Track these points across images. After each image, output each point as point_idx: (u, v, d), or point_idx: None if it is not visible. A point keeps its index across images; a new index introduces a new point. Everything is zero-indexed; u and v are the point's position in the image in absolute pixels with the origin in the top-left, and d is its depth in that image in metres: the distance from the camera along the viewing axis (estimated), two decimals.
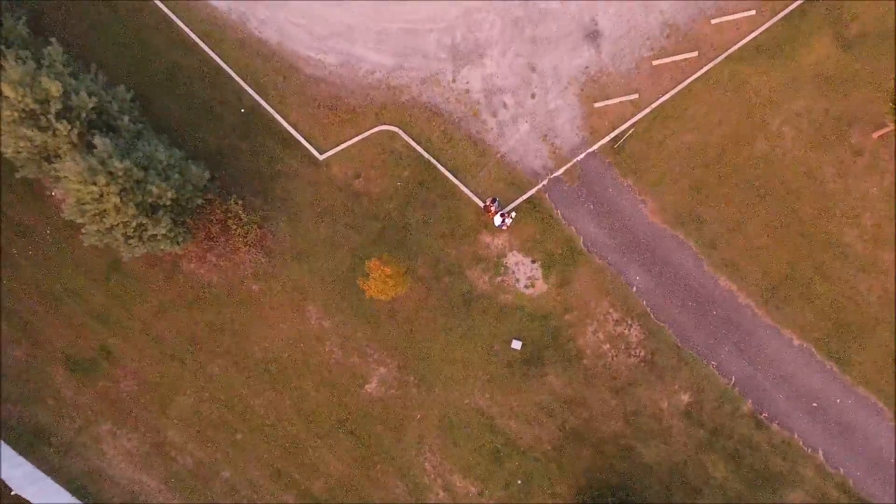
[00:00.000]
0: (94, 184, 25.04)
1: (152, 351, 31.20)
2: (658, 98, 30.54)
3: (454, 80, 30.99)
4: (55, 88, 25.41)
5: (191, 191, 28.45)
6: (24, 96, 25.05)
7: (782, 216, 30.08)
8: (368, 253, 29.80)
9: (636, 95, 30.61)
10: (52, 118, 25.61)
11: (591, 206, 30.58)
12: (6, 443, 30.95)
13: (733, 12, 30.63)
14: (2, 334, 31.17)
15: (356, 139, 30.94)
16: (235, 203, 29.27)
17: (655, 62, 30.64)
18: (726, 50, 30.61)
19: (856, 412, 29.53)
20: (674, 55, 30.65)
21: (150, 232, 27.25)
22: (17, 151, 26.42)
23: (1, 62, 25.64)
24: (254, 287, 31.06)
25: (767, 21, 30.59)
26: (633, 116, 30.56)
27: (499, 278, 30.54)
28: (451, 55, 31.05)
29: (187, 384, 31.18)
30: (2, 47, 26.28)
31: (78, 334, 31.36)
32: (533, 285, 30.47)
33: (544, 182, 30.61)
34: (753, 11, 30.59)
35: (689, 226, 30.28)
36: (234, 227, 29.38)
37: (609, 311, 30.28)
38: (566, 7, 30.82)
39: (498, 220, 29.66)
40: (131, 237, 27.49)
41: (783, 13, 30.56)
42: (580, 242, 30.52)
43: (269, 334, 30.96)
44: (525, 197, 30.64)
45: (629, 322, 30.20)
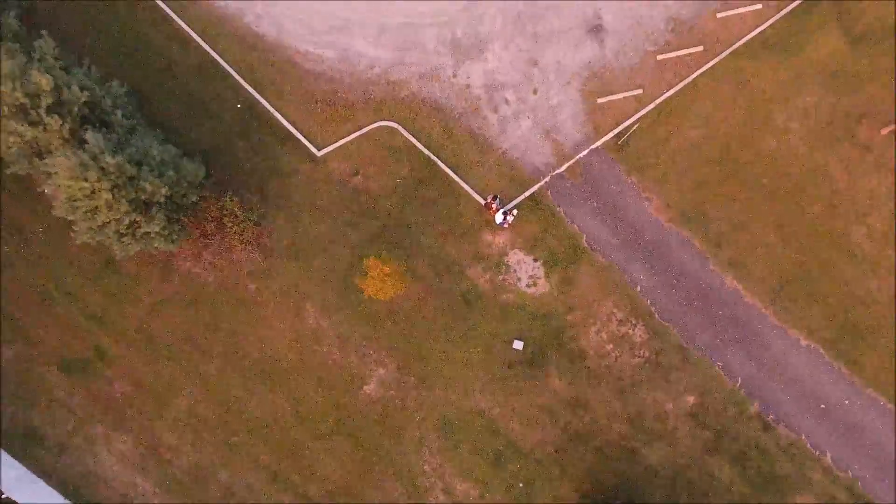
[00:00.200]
0: (86, 180, 24.49)
1: (147, 351, 30.74)
2: (662, 94, 30.13)
3: (455, 76, 30.57)
4: (46, 82, 24.86)
5: (185, 188, 27.89)
6: (14, 90, 24.48)
7: (789, 214, 29.67)
8: (367, 251, 29.39)
9: (640, 91, 30.20)
10: (42, 112, 25.07)
11: (595, 204, 30.15)
12: None
13: (739, 6, 30.18)
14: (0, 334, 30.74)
15: (355, 135, 30.51)
16: (231, 200, 28.66)
17: (660, 57, 30.21)
18: (732, 45, 30.18)
19: (864, 413, 29.10)
20: (678, 50, 30.22)
21: (143, 229, 26.71)
22: (8, 147, 25.86)
23: None
24: (250, 286, 30.60)
25: (774, 15, 30.20)
26: (636, 112, 30.14)
27: (500, 277, 30.15)
28: (451, 50, 30.62)
29: (182, 385, 30.72)
30: None
31: (71, 334, 30.85)
32: (535, 284, 30.04)
33: (546, 179, 30.21)
34: (760, 5, 30.14)
35: (694, 224, 29.85)
36: (230, 224, 28.72)
37: (613, 311, 29.86)
38: (569, 1, 30.36)
39: (499, 218, 29.23)
40: (124, 235, 26.93)
41: (789, 7, 30.15)
42: (583, 240, 30.10)
43: (265, 334, 30.54)
44: (527, 194, 30.23)
45: (633, 322, 29.78)
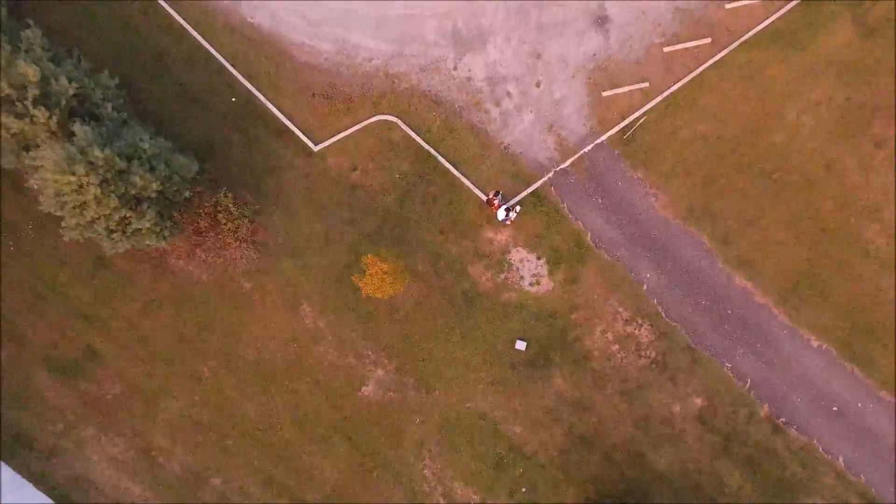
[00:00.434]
0: (73, 174, 23.70)
1: (139, 352, 30.14)
2: (670, 86, 29.46)
3: (455, 68, 29.90)
4: (32, 73, 24.07)
5: (178, 183, 27.10)
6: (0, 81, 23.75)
7: (800, 210, 28.97)
8: (365, 249, 28.79)
9: (647, 84, 29.53)
10: (29, 105, 24.29)
11: (600, 200, 29.50)
12: None
13: None
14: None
15: (353, 129, 29.89)
16: (225, 196, 28.03)
17: (667, 49, 29.51)
18: (741, 36, 29.44)
19: (878, 417, 28.41)
20: (686, 42, 29.51)
21: (133, 226, 25.92)
22: None
23: None
24: (245, 284, 29.99)
25: (784, 6, 29.41)
26: (643, 106, 29.49)
27: (502, 275, 29.52)
28: (452, 42, 29.91)
29: (175, 386, 30.11)
30: None
31: (61, 334, 30.21)
32: (538, 283, 29.41)
33: (550, 175, 29.59)
34: None
35: (702, 220, 29.19)
36: (224, 221, 28.12)
37: (618, 311, 29.22)
38: None
39: (501, 215, 28.62)
40: (114, 231, 26.14)
41: None
42: (588, 238, 29.47)
43: (261, 334, 29.94)
44: (530, 190, 29.60)
45: (639, 322, 29.15)
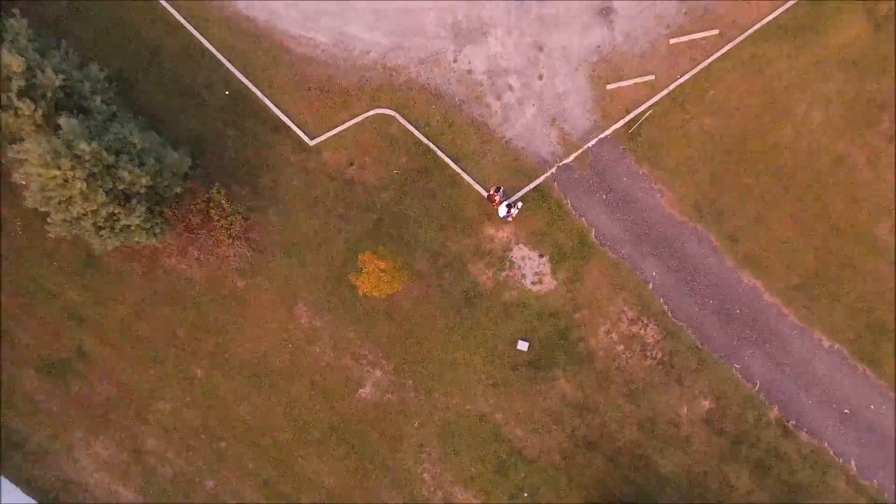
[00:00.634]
0: (58, 168, 23.07)
1: (130, 352, 29.65)
2: (676, 80, 28.95)
3: (455, 61, 29.38)
4: (17, 64, 23.46)
5: (169, 178, 26.62)
6: None
7: (810, 207, 28.46)
8: (363, 246, 28.21)
9: (652, 77, 29.03)
10: (13, 96, 23.65)
11: (604, 196, 28.97)
12: None
13: None
14: None
15: (350, 123, 29.41)
16: (218, 192, 27.40)
17: (673, 41, 29.00)
18: (749, 28, 28.88)
19: (890, 419, 27.84)
20: (693, 34, 28.95)
21: (122, 222, 25.37)
22: None
23: None
24: (239, 283, 29.48)
25: None
26: (648, 99, 28.99)
27: (503, 274, 28.99)
28: (452, 34, 29.36)
29: (167, 388, 29.61)
30: None
31: (51, 334, 29.71)
32: (540, 281, 28.88)
33: (552, 170, 29.08)
34: None
35: (709, 217, 28.67)
36: (217, 218, 27.47)
37: (623, 310, 28.69)
38: None
39: (503, 211, 28.15)
40: (102, 228, 25.63)
41: None
42: (591, 235, 28.96)
43: (255, 334, 29.43)
44: (532, 186, 29.09)
45: (645, 321, 28.61)
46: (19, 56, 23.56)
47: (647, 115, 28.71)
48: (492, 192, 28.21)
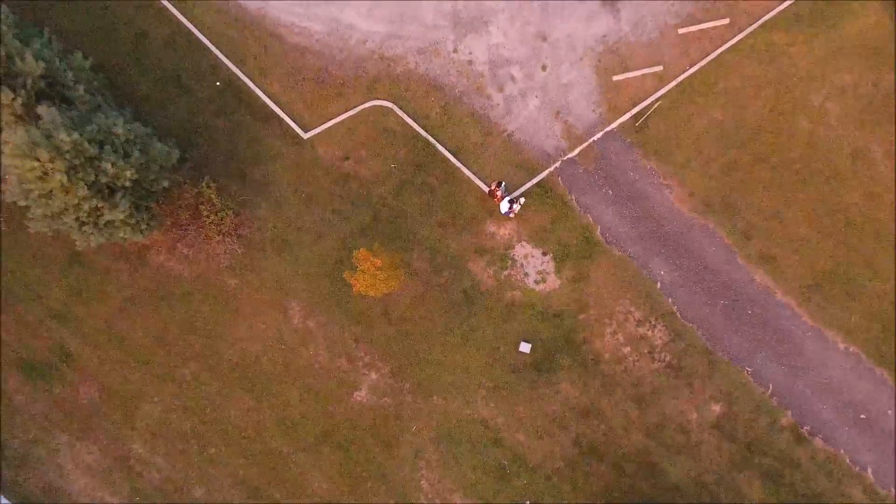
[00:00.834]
0: (37, 159, 22.05)
1: (116, 353, 28.86)
2: (685, 70, 28.23)
3: (455, 51, 28.67)
4: None
5: (156, 172, 25.69)
6: None
7: (826, 203, 27.68)
8: (358, 243, 27.43)
9: (660, 67, 28.31)
10: None
11: (610, 192, 28.26)
12: None
13: None
14: None
15: (345, 116, 28.69)
16: (208, 186, 26.59)
17: (682, 30, 28.22)
18: (762, 16, 28.14)
19: None
20: (703, 22, 28.17)
21: (106, 217, 24.40)
22: None
23: None
24: (229, 282, 28.70)
25: None
26: (656, 91, 28.28)
27: (505, 272, 28.25)
28: (452, 22, 28.58)
29: (154, 390, 28.83)
30: None
31: (32, 334, 28.91)
32: (544, 280, 28.15)
33: (556, 164, 28.38)
34: None
35: (720, 214, 27.92)
36: (207, 213, 26.67)
37: (630, 310, 27.92)
38: None
39: (504, 207, 27.42)
40: (85, 223, 24.70)
41: None
42: (597, 232, 28.21)
43: (246, 335, 28.66)
44: (535, 181, 28.37)
45: (653, 322, 27.85)
46: None
47: (655, 107, 28.04)
48: (493, 188, 27.54)
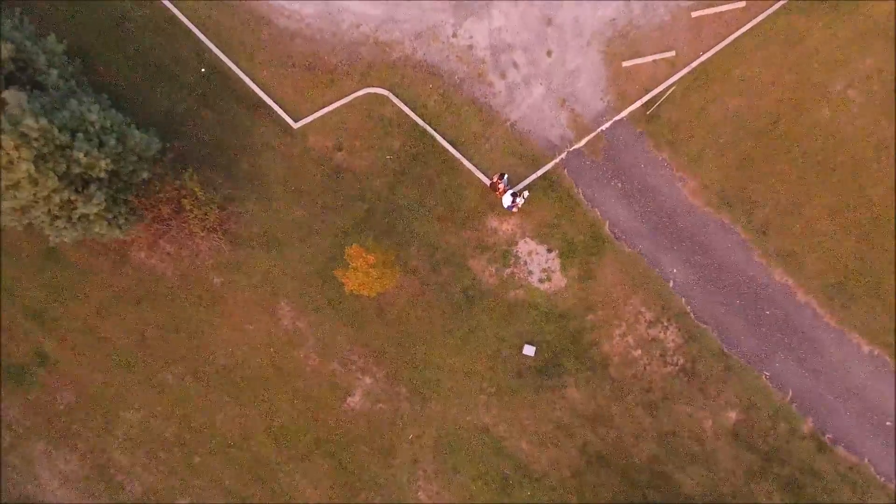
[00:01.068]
0: (0, 146, 20.64)
1: (95, 356, 28.22)
2: (699, 56, 27.33)
3: (455, 35, 27.78)
4: None
5: (134, 162, 24.72)
6: None
7: (848, 197, 26.70)
8: (351, 240, 26.63)
9: (672, 53, 27.40)
10: None
11: (619, 185, 27.42)
12: None
13: None
14: None
15: (338, 104, 27.96)
16: (191, 178, 25.65)
17: (695, 14, 27.27)
18: None
19: None
20: (717, 5, 27.25)
21: (80, 210, 23.34)
22: None
23: None
24: (215, 280, 27.93)
25: None
26: (668, 78, 27.41)
27: (508, 270, 27.42)
28: (451, 5, 27.68)
29: (135, 395, 28.12)
30: None
31: (7, 336, 28.23)
32: (549, 279, 27.33)
33: (562, 156, 27.60)
34: None
35: (736, 208, 27.02)
36: (190, 207, 25.71)
37: (641, 311, 27.10)
38: None
39: (507, 201, 26.68)
40: (57, 217, 23.64)
41: None
42: (605, 228, 27.40)
43: (233, 337, 27.94)
44: (540, 173, 27.59)
45: (665, 323, 27.01)
46: None
47: (667, 95, 27.19)
48: (495, 180, 26.84)
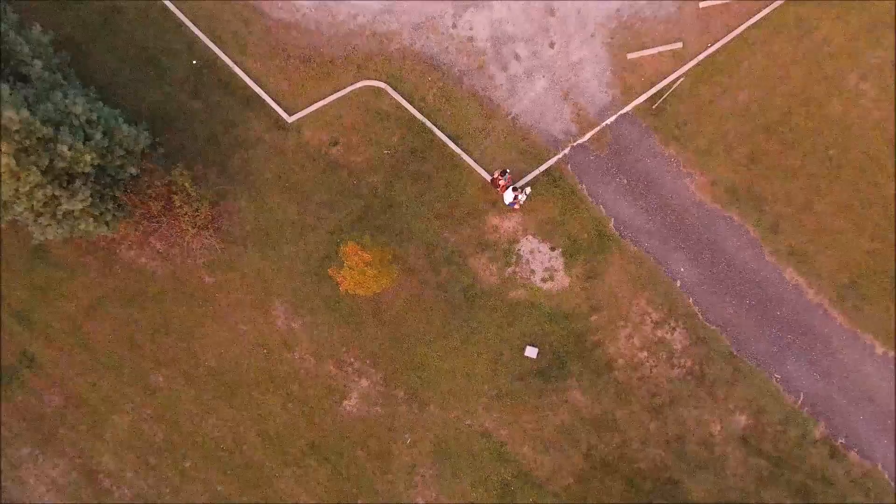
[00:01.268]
0: None
1: (83, 358, 27.70)
2: (706, 48, 26.84)
3: (455, 26, 27.26)
4: None
5: (122, 157, 24.07)
6: None
7: (862, 193, 26.14)
8: (348, 238, 25.95)
9: (680, 45, 26.91)
10: None
11: (625, 181, 26.90)
12: None
13: None
14: None
15: (333, 97, 27.44)
16: (181, 174, 24.92)
17: (703, 4, 26.77)
18: None
19: None
20: None
21: (64, 207, 22.64)
22: None
23: None
24: (206, 279, 27.41)
25: None
26: (675, 70, 26.91)
27: (509, 269, 26.91)
28: None
29: (125, 399, 27.62)
30: None
31: None
32: (552, 278, 26.83)
33: (566, 151, 27.11)
34: None
35: (746, 205, 26.49)
36: (180, 204, 25.04)
37: (647, 311, 26.56)
38: None
39: (509, 197, 26.13)
40: (41, 214, 22.93)
41: None
42: (610, 225, 26.87)
43: (225, 338, 27.45)
44: (542, 169, 27.07)
45: (672, 325, 26.48)
46: None
47: (674, 88, 26.71)
48: (496, 176, 26.28)
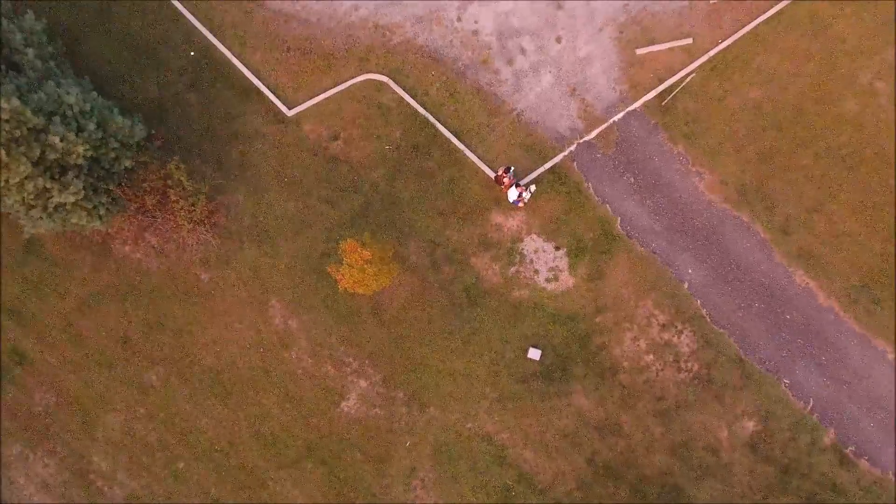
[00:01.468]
0: None
1: (75, 355, 27.36)
2: (717, 44, 26.42)
3: (459, 19, 26.87)
4: None
5: (116, 149, 23.60)
6: None
7: (875, 194, 25.68)
8: (347, 235, 25.65)
9: (689, 40, 26.49)
10: None
11: (632, 179, 26.45)
12: None
13: None
14: None
15: (334, 91, 27.06)
16: (177, 168, 24.46)
17: None
18: None
19: None
20: None
21: (56, 199, 22.18)
22: None
23: None
24: (202, 276, 27.02)
25: None
26: (685, 66, 26.52)
27: (512, 269, 26.50)
28: None
29: (117, 397, 27.23)
30: None
31: None
32: (556, 278, 26.40)
33: (572, 148, 26.71)
34: None
35: (756, 205, 26.04)
36: (176, 198, 24.64)
37: (653, 313, 26.09)
38: None
39: (513, 195, 25.79)
40: (33, 206, 22.47)
41: None
42: (617, 225, 26.45)
43: (220, 336, 27.07)
44: (547, 166, 26.67)
45: (679, 327, 26.03)
46: None
47: (683, 84, 26.27)
48: (500, 173, 25.93)
